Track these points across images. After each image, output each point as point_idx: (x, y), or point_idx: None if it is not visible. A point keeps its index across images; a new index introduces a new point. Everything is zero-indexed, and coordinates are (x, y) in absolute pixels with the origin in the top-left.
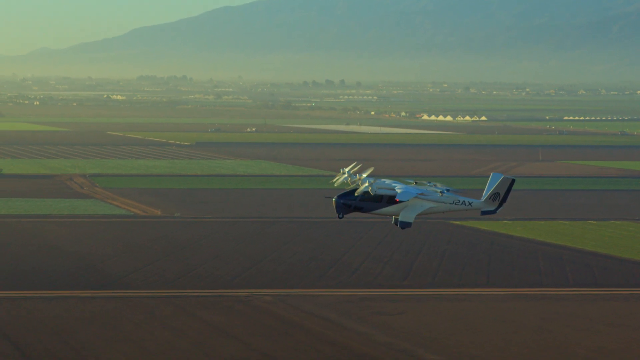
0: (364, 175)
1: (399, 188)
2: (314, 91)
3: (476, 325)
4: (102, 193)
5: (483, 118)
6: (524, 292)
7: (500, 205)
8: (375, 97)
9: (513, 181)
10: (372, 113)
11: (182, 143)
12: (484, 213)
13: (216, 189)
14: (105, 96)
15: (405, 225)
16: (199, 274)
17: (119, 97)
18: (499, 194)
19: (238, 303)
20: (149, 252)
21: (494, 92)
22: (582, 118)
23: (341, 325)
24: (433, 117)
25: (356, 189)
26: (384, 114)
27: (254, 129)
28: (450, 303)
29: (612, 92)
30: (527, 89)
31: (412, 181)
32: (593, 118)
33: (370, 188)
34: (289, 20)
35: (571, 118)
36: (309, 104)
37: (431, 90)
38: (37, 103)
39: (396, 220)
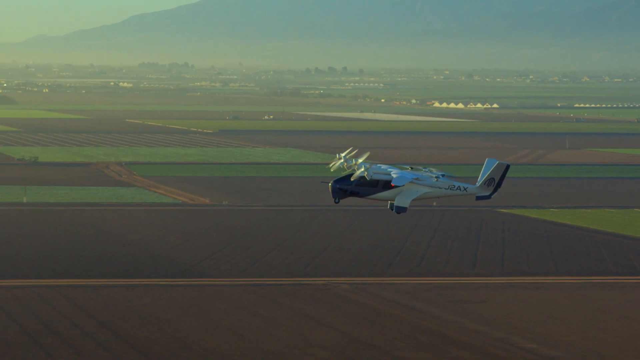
0: (360, 160)
1: (394, 173)
2: (318, 78)
3: (561, 314)
4: (143, 181)
5: (495, 105)
6: (598, 280)
7: (495, 190)
8: (381, 85)
9: (508, 166)
10: (382, 100)
11: (204, 131)
12: (479, 198)
13: (254, 177)
14: (112, 83)
15: (400, 210)
16: (269, 262)
17: (126, 84)
18: (494, 179)
19: (317, 291)
20: (211, 240)
21: (498, 79)
22: (593, 105)
23: (429, 313)
24: (444, 105)
25: (352, 174)
26: (395, 102)
27: (271, 117)
28: (528, 291)
29: (615, 80)
30: (531, 76)
31: (407, 166)
32: (604, 105)
33: (366, 173)
34: (287, 7)
35: (582, 105)
36: (316, 92)
37: (435, 77)
38: (46, 90)
39: (392, 205)
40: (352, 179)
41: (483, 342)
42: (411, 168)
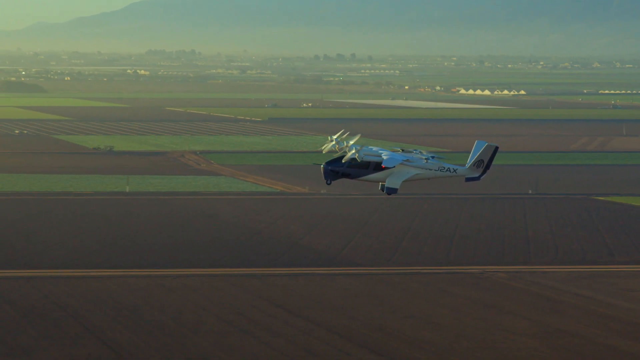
0: (351, 142)
1: (385, 155)
2: (328, 65)
3: None
4: (227, 170)
5: (522, 92)
6: None
7: (484, 172)
8: (397, 72)
9: (497, 148)
10: (406, 87)
11: (254, 119)
12: (468, 179)
13: None
14: (130, 71)
15: (391, 191)
16: (407, 250)
17: (143, 72)
18: (483, 160)
19: (479, 279)
20: (336, 229)
21: (509, 66)
22: (618, 92)
23: (603, 302)
24: (471, 92)
25: (344, 156)
26: (419, 89)
27: (309, 104)
28: None
29: (627, 65)
30: (541, 62)
31: (398, 148)
32: (630, 92)
33: (357, 155)
34: None
35: (606, 92)
36: (336, 79)
37: (446, 64)
38: (68, 79)
39: (382, 186)
40: (343, 161)
41: None
42: (402, 150)
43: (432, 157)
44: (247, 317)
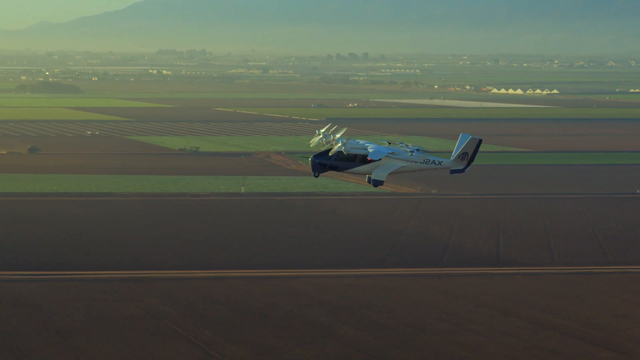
0: (338, 135)
1: (370, 148)
2: (344, 64)
3: None
4: None
5: (555, 91)
6: None
7: (468, 164)
8: (417, 71)
9: (480, 141)
10: (435, 87)
11: (310, 119)
12: (453, 172)
13: None
14: (154, 71)
15: (377, 183)
16: (560, 249)
17: (164, 72)
18: (467, 153)
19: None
20: (473, 228)
21: (524, 64)
22: None
23: None
24: (503, 91)
25: (331, 149)
26: (449, 88)
27: (355, 104)
28: None
29: None
30: (556, 61)
31: (386, 142)
32: None
33: (343, 148)
34: None
35: (638, 90)
36: (361, 78)
37: (461, 63)
38: (95, 79)
39: (369, 178)
40: (330, 154)
41: None
42: (389, 143)
43: (417, 150)
44: (462, 317)
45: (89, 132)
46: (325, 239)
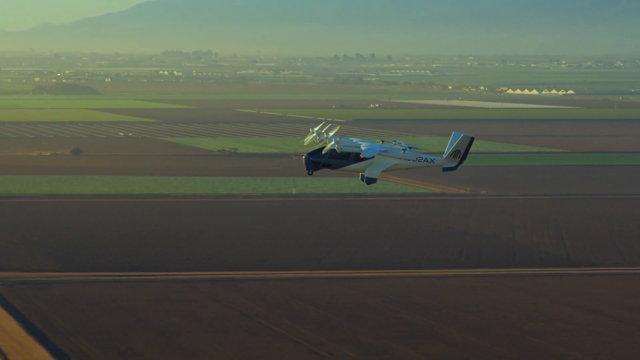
0: (331, 134)
1: (363, 146)
2: (352, 65)
3: None
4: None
5: (570, 92)
6: None
7: (460, 162)
8: (427, 71)
9: (472, 139)
10: (450, 87)
11: (337, 120)
12: (445, 169)
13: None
14: (166, 72)
15: (370, 181)
16: (631, 250)
17: (176, 72)
18: (459, 151)
19: None
20: (533, 227)
21: (532, 65)
22: None
23: None
24: (518, 91)
25: (324, 147)
26: (464, 88)
27: (377, 105)
28: None
29: None
30: (564, 62)
31: (379, 140)
32: None
33: (336, 146)
34: None
35: None
36: (373, 79)
37: (468, 63)
38: (109, 80)
39: (362, 176)
40: (323, 152)
41: None
42: (382, 141)
43: (409, 148)
44: (552, 317)
45: (121, 134)
46: (391, 238)
